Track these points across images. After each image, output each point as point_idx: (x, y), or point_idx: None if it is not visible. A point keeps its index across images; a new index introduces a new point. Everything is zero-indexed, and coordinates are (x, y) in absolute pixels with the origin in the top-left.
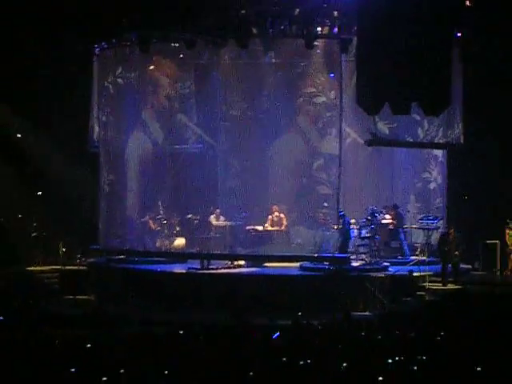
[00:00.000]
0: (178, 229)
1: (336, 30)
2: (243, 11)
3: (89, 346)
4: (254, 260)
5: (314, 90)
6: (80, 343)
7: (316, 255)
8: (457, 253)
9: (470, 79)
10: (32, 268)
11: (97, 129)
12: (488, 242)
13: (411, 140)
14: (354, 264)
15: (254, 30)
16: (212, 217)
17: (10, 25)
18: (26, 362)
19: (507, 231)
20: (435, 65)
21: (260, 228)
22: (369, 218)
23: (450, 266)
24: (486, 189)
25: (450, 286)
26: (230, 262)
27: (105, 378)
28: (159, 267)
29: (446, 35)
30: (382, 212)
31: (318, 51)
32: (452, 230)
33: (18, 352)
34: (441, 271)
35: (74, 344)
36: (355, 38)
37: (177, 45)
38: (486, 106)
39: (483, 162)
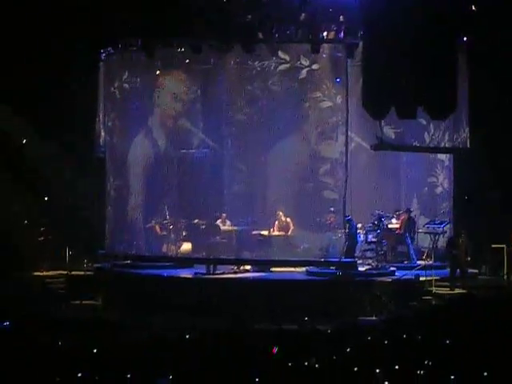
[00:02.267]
0: (184, 234)
1: (342, 34)
2: (249, 16)
3: (95, 351)
4: (261, 265)
5: (320, 94)
6: (86, 348)
7: (322, 260)
8: (469, 258)
9: (476, 83)
10: (38, 273)
11: (103, 134)
12: (495, 246)
13: (417, 145)
14: (361, 269)
15: (260, 35)
16: (218, 221)
17: (16, 30)
18: (32, 367)
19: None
20: (441, 69)
21: (266, 233)
22: (375, 222)
23: (458, 270)
24: (492, 193)
25: (457, 291)
26: (236, 267)
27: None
28: (166, 272)
29: (452, 40)
30: (388, 216)
31: (324, 56)
32: (462, 234)
33: (23, 357)
34: (449, 275)
35: (80, 349)
36: (361, 43)
37: (182, 50)
38: (492, 110)
39: (489, 167)
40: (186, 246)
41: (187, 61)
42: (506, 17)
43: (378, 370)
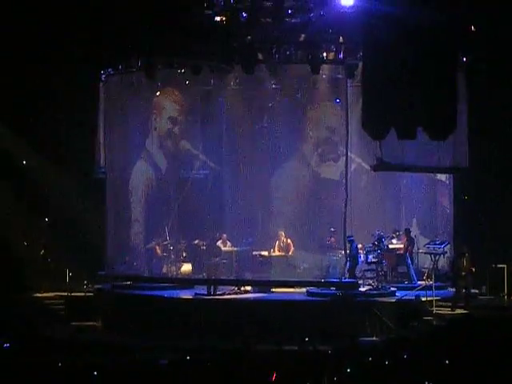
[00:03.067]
0: (184, 254)
1: (341, 55)
2: (249, 37)
3: (95, 372)
4: (261, 285)
5: (320, 115)
6: (86, 370)
7: (323, 280)
8: (473, 269)
9: (475, 102)
10: (38, 294)
11: (103, 155)
12: (495, 266)
13: (418, 164)
14: (361, 289)
15: (260, 56)
16: (219, 242)
17: (16, 49)
18: None
19: None
20: (441, 89)
21: (266, 253)
22: (376, 242)
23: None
24: (492, 213)
25: (458, 311)
26: (236, 288)
27: None
28: (166, 293)
29: (451, 60)
30: (389, 237)
31: (324, 76)
32: (466, 254)
33: (23, 378)
34: (453, 296)
35: (80, 371)
36: (361, 64)
37: (182, 71)
38: (491, 129)
39: (489, 186)
40: (187, 267)
41: (187, 82)
42: (504, 36)
43: None
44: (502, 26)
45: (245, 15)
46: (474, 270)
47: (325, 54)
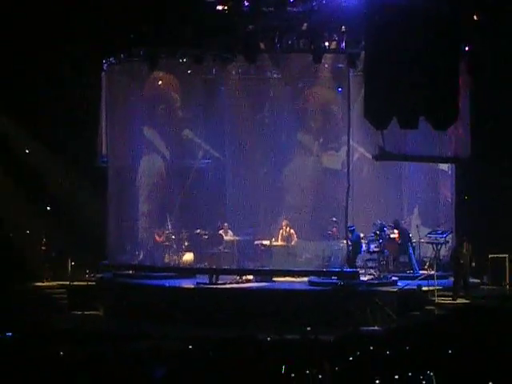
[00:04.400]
0: (186, 244)
1: (344, 44)
2: (251, 26)
3: (97, 361)
4: (263, 275)
5: (322, 104)
6: (89, 359)
7: (324, 270)
8: (473, 264)
9: (477, 92)
10: (40, 284)
11: (105, 144)
12: (497, 256)
13: (420, 154)
14: (363, 278)
15: (262, 46)
16: (220, 232)
17: (19, 40)
18: (35, 377)
19: None
20: (443, 79)
21: (268, 243)
22: (377, 232)
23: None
24: (494, 202)
25: (460, 301)
26: (238, 277)
27: None
28: (168, 282)
29: (454, 49)
30: (391, 226)
31: (326, 66)
32: (466, 243)
33: (26, 368)
34: (453, 285)
35: (83, 360)
36: (363, 53)
37: (185, 60)
38: (493, 119)
39: (491, 176)
40: (188, 257)
41: (189, 71)
42: (507, 26)
43: (377, 381)
44: (505, 15)
45: (247, 4)
46: (473, 260)
47: (327, 44)
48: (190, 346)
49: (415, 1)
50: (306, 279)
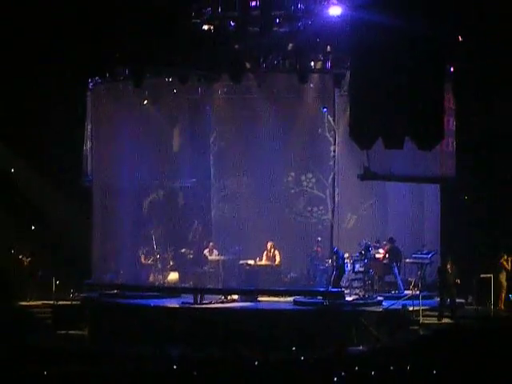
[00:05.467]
0: (171, 263)
1: (329, 64)
2: (236, 46)
3: (81, 381)
4: (248, 294)
5: (307, 124)
6: (72, 379)
7: (310, 289)
8: (458, 281)
9: (462, 112)
10: (25, 303)
11: (90, 163)
12: (482, 276)
13: (405, 174)
14: (348, 298)
15: (247, 65)
16: (206, 251)
17: (4, 58)
18: None
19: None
20: (428, 99)
21: (253, 262)
22: (362, 252)
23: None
24: (479, 223)
25: (445, 321)
26: (223, 297)
27: None
28: (153, 302)
29: (439, 70)
30: (376, 246)
31: (312, 86)
32: (450, 263)
33: None
34: (438, 305)
35: (66, 379)
36: (348, 73)
37: (170, 80)
38: (479, 139)
39: (476, 196)
40: (173, 276)
41: (175, 91)
42: (491, 46)
43: None
44: (489, 37)
45: (233, 24)
46: (458, 280)
47: (312, 63)
48: (175, 366)
49: (400, 22)
50: (291, 299)
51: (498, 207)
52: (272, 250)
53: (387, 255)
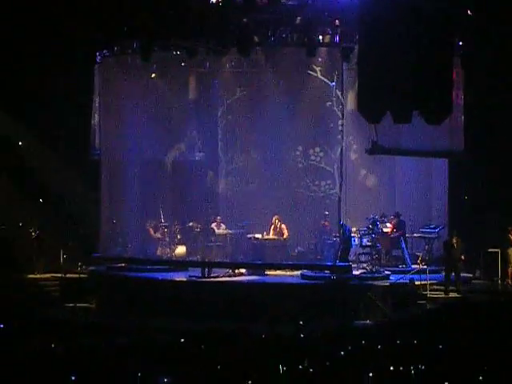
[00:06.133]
0: (179, 237)
1: (337, 38)
2: (244, 20)
3: (89, 354)
4: (255, 268)
5: (315, 98)
6: (80, 351)
7: (317, 264)
8: (462, 257)
9: (471, 86)
10: (33, 276)
11: (98, 136)
12: (489, 250)
13: (413, 148)
14: (355, 272)
15: (256, 39)
16: (213, 225)
17: (11, 32)
18: (26, 369)
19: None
20: (437, 73)
21: (260, 236)
22: (370, 226)
23: (453, 274)
24: (487, 197)
25: (452, 295)
26: (230, 271)
27: None
28: (160, 275)
29: (448, 44)
30: (382, 220)
31: (320, 60)
32: (456, 238)
33: (17, 360)
34: (444, 280)
35: (74, 352)
36: (357, 47)
37: (178, 53)
38: (487, 113)
39: (484, 170)
40: (181, 250)
41: (183, 64)
42: (500, 20)
43: (371, 374)
44: (499, 10)
45: None
46: (463, 255)
47: (321, 37)
48: (182, 339)
49: None
50: (298, 273)
51: (505, 181)
52: (278, 224)
53: (395, 229)
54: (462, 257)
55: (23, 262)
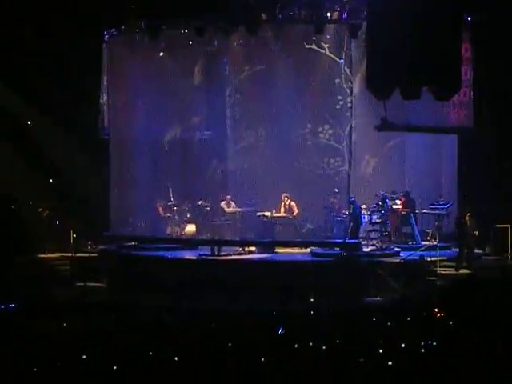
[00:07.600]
0: (188, 215)
1: (345, 15)
2: None
3: (100, 333)
4: (265, 246)
5: (324, 75)
6: (91, 330)
7: (327, 241)
8: (476, 233)
9: (480, 62)
10: (43, 255)
11: (106, 116)
12: (499, 226)
13: (422, 125)
14: (365, 249)
15: (264, 16)
16: (223, 203)
17: (19, 11)
18: (37, 348)
19: None
20: (445, 49)
21: (270, 214)
22: (379, 203)
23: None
24: (496, 173)
25: (462, 271)
26: (240, 249)
27: (115, 366)
28: (170, 254)
29: (456, 19)
30: (392, 197)
31: (328, 37)
32: (468, 214)
33: (29, 339)
34: (457, 256)
35: (85, 331)
36: (365, 23)
37: (186, 32)
38: (496, 89)
39: (494, 146)
40: (191, 228)
41: (191, 43)
42: None
43: (381, 351)
44: None
45: None
46: (476, 231)
47: (329, 14)
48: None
49: None
50: (308, 250)
51: None
52: (288, 202)
53: (406, 208)
54: (476, 233)
55: (33, 242)
